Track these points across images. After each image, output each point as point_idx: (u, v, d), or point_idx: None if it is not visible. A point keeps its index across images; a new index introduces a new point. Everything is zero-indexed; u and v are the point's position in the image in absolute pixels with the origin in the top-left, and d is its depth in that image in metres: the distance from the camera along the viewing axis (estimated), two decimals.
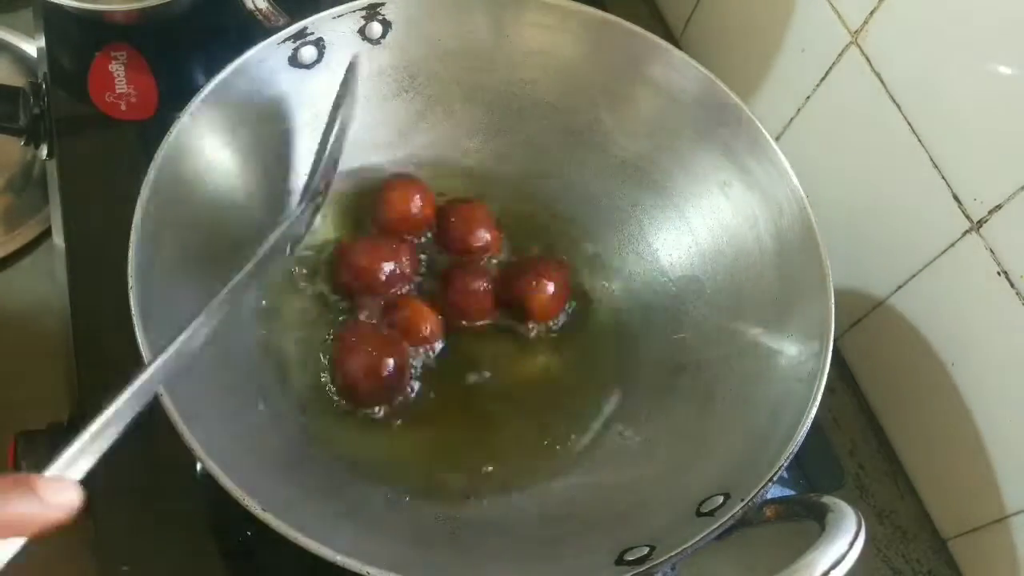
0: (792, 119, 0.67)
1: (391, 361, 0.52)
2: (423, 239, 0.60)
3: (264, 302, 0.55)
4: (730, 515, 0.44)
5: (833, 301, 0.50)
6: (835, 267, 0.51)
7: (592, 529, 0.49)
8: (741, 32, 0.72)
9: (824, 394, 0.47)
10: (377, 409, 0.53)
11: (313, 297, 0.57)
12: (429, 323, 0.55)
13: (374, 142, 0.60)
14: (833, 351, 0.49)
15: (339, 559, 0.40)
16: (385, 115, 0.60)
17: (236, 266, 0.45)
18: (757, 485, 0.44)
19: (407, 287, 0.57)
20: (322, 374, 0.54)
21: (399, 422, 0.53)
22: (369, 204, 0.59)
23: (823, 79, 0.63)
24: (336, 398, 0.53)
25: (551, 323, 0.58)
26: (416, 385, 0.54)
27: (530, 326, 0.57)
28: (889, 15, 0.56)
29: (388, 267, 0.56)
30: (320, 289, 0.57)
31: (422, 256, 0.59)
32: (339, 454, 0.52)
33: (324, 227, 0.59)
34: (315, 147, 0.57)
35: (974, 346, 0.56)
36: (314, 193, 0.53)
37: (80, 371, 0.54)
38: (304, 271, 0.57)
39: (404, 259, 0.57)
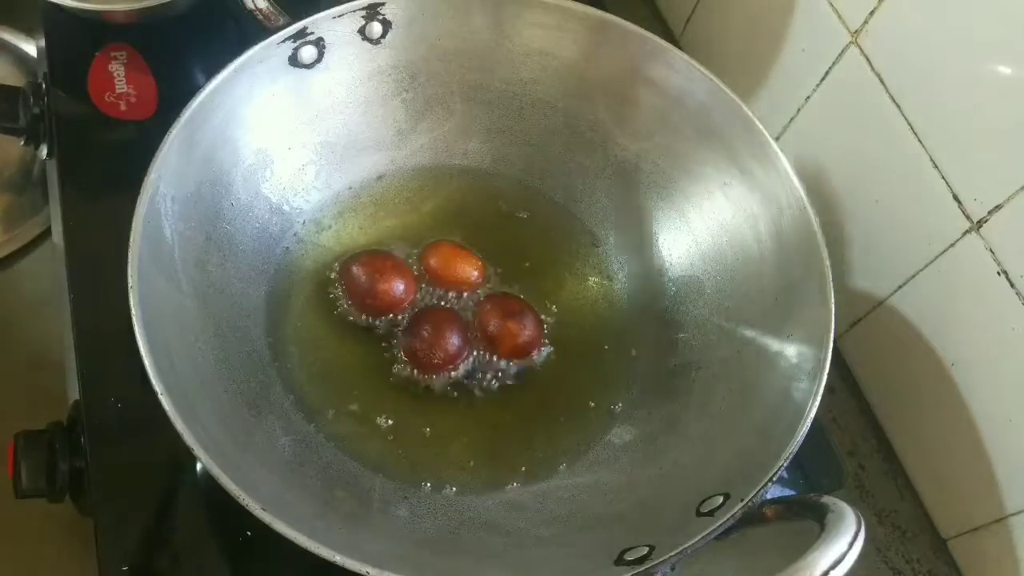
0: (792, 119, 0.67)
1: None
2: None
3: (267, 301, 0.56)
4: (730, 515, 0.44)
5: (833, 301, 0.50)
6: (835, 267, 0.51)
7: (591, 529, 0.49)
8: (741, 32, 0.72)
9: (824, 394, 0.47)
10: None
11: (320, 302, 0.57)
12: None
13: (374, 142, 0.60)
14: (833, 351, 0.49)
15: (339, 559, 0.40)
16: (385, 115, 0.60)
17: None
18: (757, 485, 0.44)
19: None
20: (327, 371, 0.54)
21: (396, 423, 0.54)
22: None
23: (823, 79, 0.63)
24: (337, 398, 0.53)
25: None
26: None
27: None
28: (889, 15, 0.56)
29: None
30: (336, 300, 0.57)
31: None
32: (339, 453, 0.52)
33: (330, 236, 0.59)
34: (313, 147, 0.57)
35: (974, 346, 0.56)
36: None
37: (80, 371, 0.54)
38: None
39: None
